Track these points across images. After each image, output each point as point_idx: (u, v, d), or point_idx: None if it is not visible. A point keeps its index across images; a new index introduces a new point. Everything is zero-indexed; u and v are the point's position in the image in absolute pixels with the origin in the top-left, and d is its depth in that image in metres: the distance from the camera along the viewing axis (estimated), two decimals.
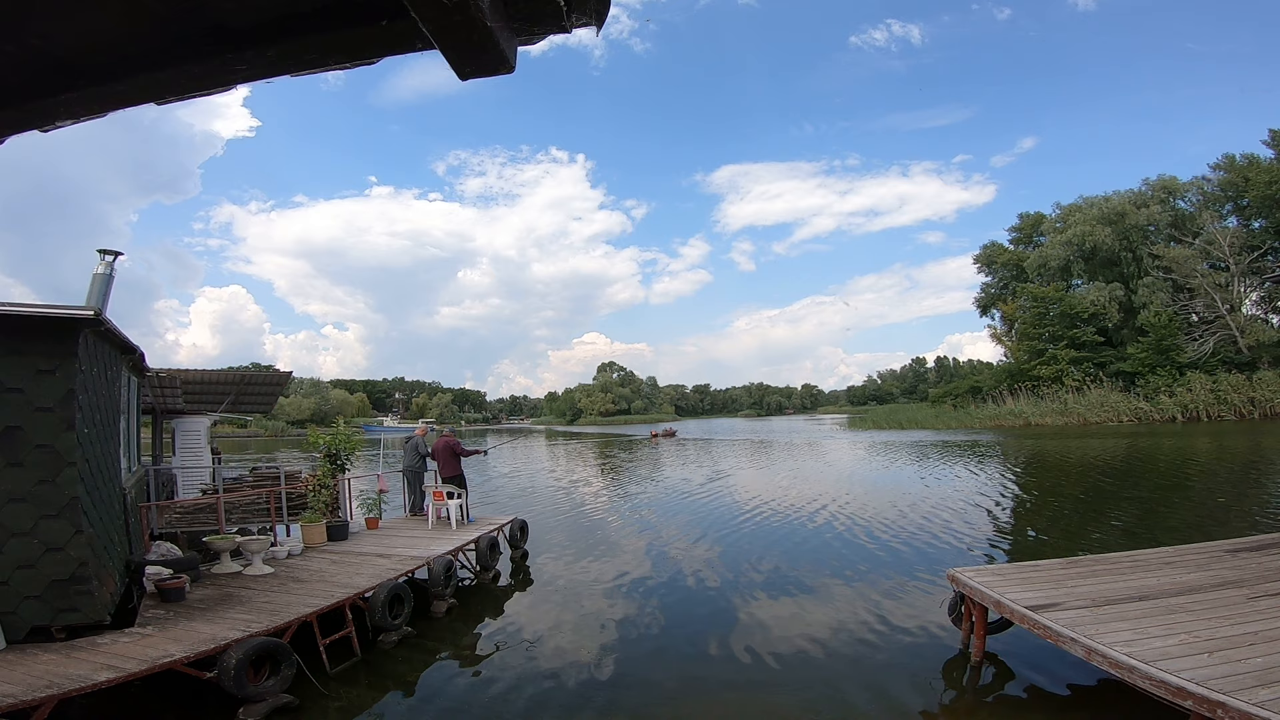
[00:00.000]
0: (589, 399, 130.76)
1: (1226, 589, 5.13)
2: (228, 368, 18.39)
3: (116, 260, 8.19)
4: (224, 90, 1.38)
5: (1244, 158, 44.95)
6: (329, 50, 1.28)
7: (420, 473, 11.35)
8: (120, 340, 6.45)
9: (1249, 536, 7.07)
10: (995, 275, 59.15)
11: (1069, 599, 5.01)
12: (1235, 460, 20.18)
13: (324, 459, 10.05)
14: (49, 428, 5.02)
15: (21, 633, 4.93)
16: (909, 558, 9.30)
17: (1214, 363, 40.54)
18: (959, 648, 5.84)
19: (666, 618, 7.17)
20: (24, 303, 5.09)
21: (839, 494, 15.73)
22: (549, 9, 1.16)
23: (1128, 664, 3.89)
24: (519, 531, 10.26)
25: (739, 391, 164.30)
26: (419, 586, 7.58)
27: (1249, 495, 13.77)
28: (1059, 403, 42.90)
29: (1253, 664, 3.77)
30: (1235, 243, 42.08)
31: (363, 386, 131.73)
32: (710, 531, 11.82)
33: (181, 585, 6.28)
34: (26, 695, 3.96)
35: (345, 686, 5.52)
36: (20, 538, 4.93)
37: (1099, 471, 18.47)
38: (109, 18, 1.29)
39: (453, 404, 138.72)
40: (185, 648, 4.82)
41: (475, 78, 1.23)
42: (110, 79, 1.37)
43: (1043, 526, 11.60)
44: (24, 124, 1.47)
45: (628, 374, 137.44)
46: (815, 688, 5.32)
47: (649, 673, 5.76)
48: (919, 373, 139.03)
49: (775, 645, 6.22)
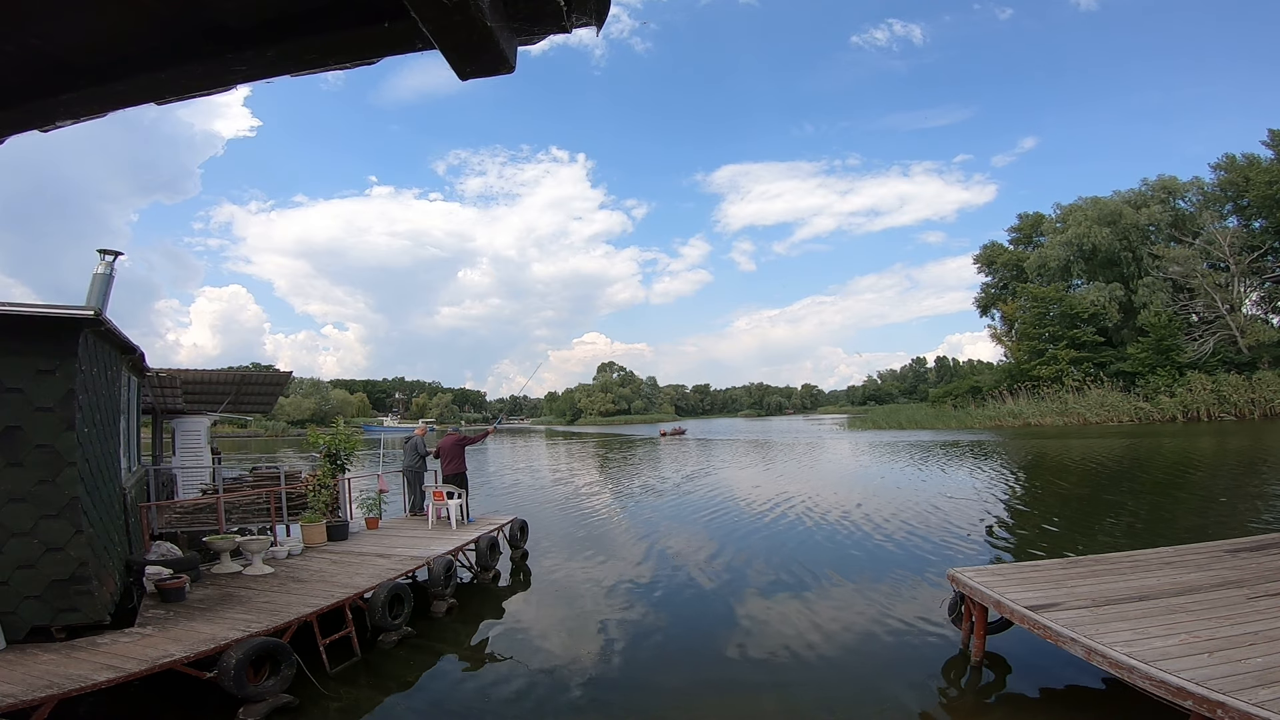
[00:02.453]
0: (589, 399, 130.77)
1: (1226, 589, 5.13)
2: (228, 368, 18.38)
3: (116, 260, 8.20)
4: (224, 90, 1.39)
5: (1244, 158, 44.99)
6: (329, 50, 1.28)
7: (420, 473, 11.36)
8: (120, 340, 6.46)
9: (1249, 536, 7.07)
10: (995, 275, 59.14)
11: (1069, 599, 5.00)
12: (1235, 460, 20.18)
13: (324, 459, 10.06)
14: (49, 428, 5.02)
15: (21, 633, 4.93)
16: (908, 558, 9.30)
17: (1214, 363, 40.55)
18: (959, 648, 5.84)
19: (667, 617, 7.17)
20: (24, 303, 5.09)
21: (839, 493, 15.73)
22: (549, 9, 1.16)
23: (1128, 664, 3.90)
24: (519, 531, 10.26)
25: (739, 391, 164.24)
26: (419, 586, 7.60)
27: (1249, 495, 13.76)
28: (1059, 403, 42.87)
29: (1253, 664, 3.77)
30: (1235, 243, 42.10)
31: (363, 386, 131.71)
32: (710, 531, 11.82)
33: (181, 585, 6.28)
34: (26, 695, 3.96)
35: (345, 686, 5.52)
36: (20, 538, 4.93)
37: (1099, 471, 18.46)
38: (109, 18, 1.29)
39: (453, 404, 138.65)
40: (185, 648, 4.82)
41: (475, 78, 1.23)
42: (110, 79, 1.37)
43: (1043, 526, 11.59)
44: (24, 124, 1.47)
45: (628, 374, 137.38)
46: (815, 687, 5.33)
47: (649, 673, 5.77)
48: (919, 373, 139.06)
49: (775, 645, 6.22)
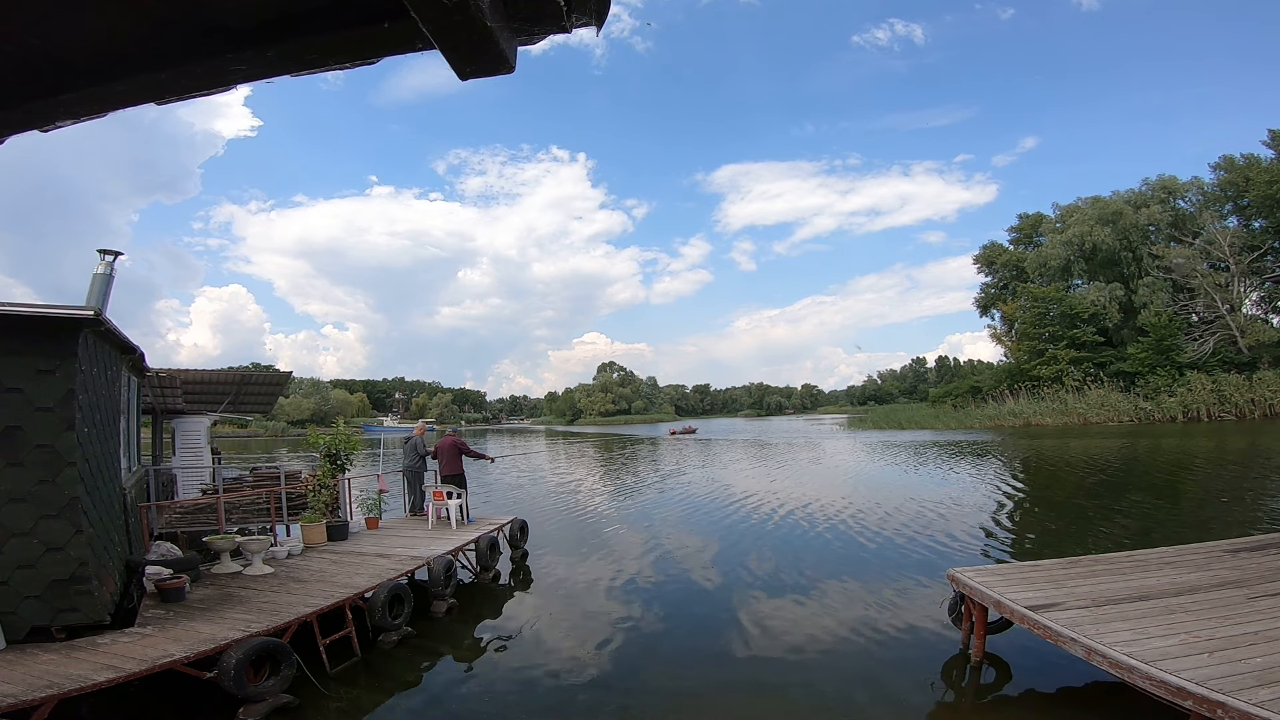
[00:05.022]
0: (589, 399, 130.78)
1: (1226, 589, 5.13)
2: (228, 368, 18.37)
3: (116, 260, 8.19)
4: (224, 90, 1.39)
5: (1244, 158, 44.99)
6: (329, 50, 1.28)
7: (420, 473, 11.36)
8: (120, 340, 6.46)
9: (1249, 536, 7.07)
10: (995, 275, 59.13)
11: (1069, 599, 5.01)
12: (1236, 460, 20.17)
13: (324, 459, 10.06)
14: (49, 428, 5.02)
15: (21, 633, 4.93)
16: (909, 557, 9.30)
17: (1214, 363, 40.55)
18: (959, 648, 5.84)
19: (667, 618, 7.17)
20: (24, 303, 5.09)
21: (839, 494, 15.73)
22: (549, 9, 1.16)
23: (1128, 664, 3.90)
24: (519, 531, 10.26)
25: (739, 391, 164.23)
26: (419, 586, 7.59)
27: (1249, 495, 13.76)
28: (1059, 403, 42.88)
29: (1253, 664, 3.77)
30: (1235, 243, 42.09)
31: (363, 386, 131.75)
32: (710, 531, 11.83)
33: (181, 585, 6.27)
34: (26, 695, 3.96)
35: (345, 686, 5.52)
36: (20, 538, 4.93)
37: (1099, 471, 18.46)
38: (109, 18, 1.29)
39: (453, 404, 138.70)
40: (185, 648, 4.82)
41: (475, 78, 1.23)
42: (110, 79, 1.37)
43: (1043, 526, 11.59)
44: (24, 124, 1.47)
45: (628, 374, 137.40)
46: (815, 688, 5.32)
47: (648, 673, 5.76)
48: (919, 373, 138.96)
49: (775, 645, 6.23)
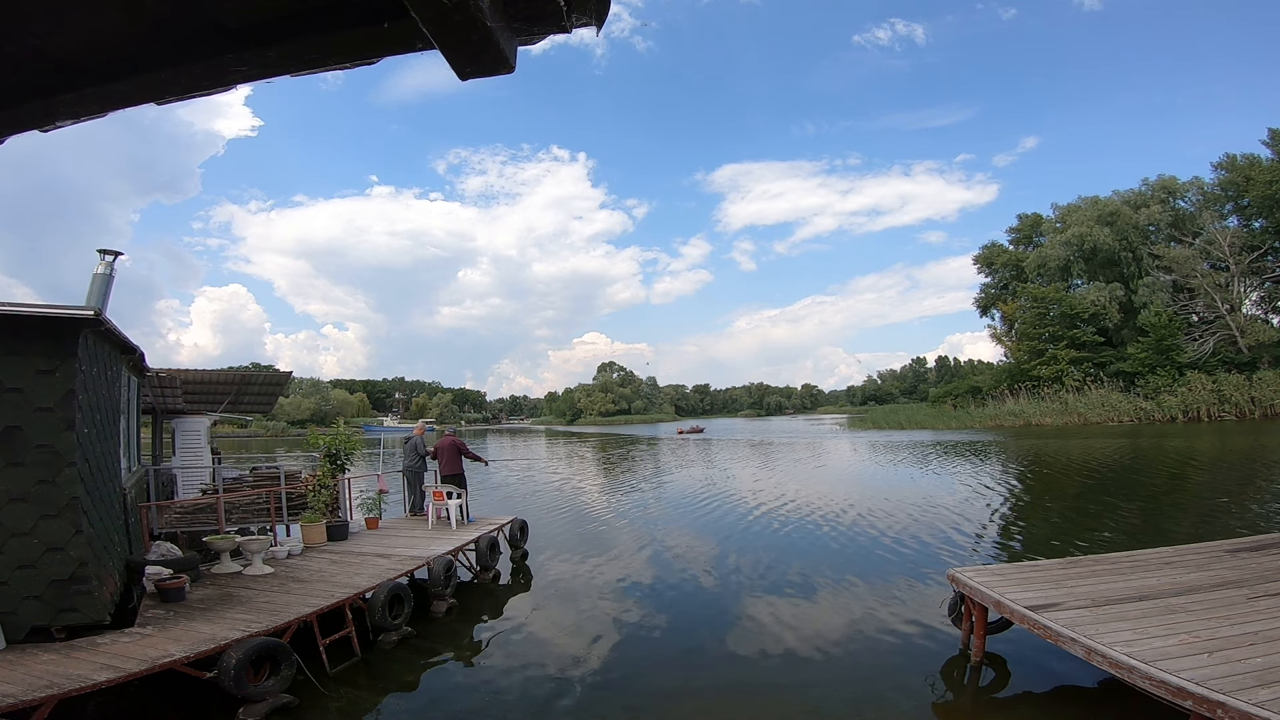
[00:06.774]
0: (589, 399, 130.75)
1: (1226, 589, 5.13)
2: (228, 368, 18.37)
3: (116, 260, 8.20)
4: (224, 90, 1.38)
5: (1244, 158, 44.96)
6: (329, 50, 1.28)
7: (420, 473, 11.36)
8: (120, 340, 6.46)
9: (1249, 536, 7.07)
10: (995, 275, 59.10)
11: (1069, 599, 5.00)
12: (1236, 460, 20.17)
13: (324, 459, 10.06)
14: (49, 428, 5.02)
15: (21, 633, 4.93)
16: (909, 558, 9.30)
17: (1214, 363, 40.56)
18: (959, 648, 5.84)
19: (666, 618, 7.17)
20: (24, 303, 5.09)
21: (839, 494, 15.73)
22: (549, 9, 1.16)
23: (1128, 664, 3.90)
24: (519, 531, 10.26)
25: (739, 391, 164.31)
26: (419, 586, 7.59)
27: (1249, 495, 13.76)
28: (1059, 403, 42.88)
29: (1253, 664, 3.77)
30: (1235, 243, 42.10)
31: (363, 386, 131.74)
32: (710, 531, 11.83)
33: (181, 585, 6.28)
34: (26, 695, 3.96)
35: (345, 686, 5.52)
36: (20, 538, 4.93)
37: (1099, 471, 18.46)
38: (109, 18, 1.29)
39: (453, 404, 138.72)
40: (185, 648, 4.82)
41: (475, 78, 1.23)
42: (110, 79, 1.36)
43: (1043, 526, 11.59)
44: (24, 124, 1.47)
45: (628, 374, 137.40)
46: (815, 688, 5.32)
47: (649, 673, 5.76)
48: (919, 373, 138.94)
49: (775, 645, 6.22)
